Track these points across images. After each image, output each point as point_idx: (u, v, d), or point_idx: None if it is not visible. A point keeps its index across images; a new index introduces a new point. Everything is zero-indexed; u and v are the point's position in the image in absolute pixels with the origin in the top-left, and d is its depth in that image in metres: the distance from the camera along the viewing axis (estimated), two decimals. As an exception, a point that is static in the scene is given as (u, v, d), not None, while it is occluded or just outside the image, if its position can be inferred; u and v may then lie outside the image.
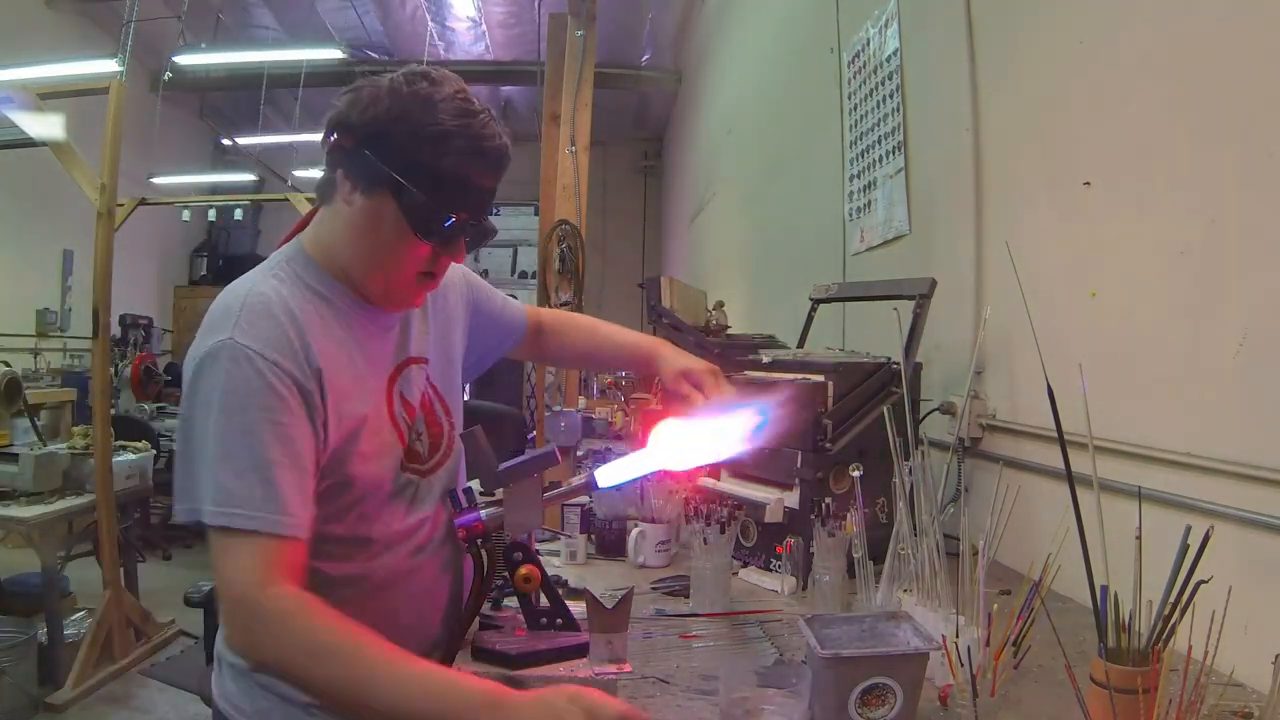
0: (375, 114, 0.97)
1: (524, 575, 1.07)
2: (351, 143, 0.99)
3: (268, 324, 0.94)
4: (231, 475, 0.88)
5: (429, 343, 1.17)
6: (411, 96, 0.97)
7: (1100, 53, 1.59)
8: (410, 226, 0.99)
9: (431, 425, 1.14)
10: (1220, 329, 1.25)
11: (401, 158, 0.97)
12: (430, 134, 0.97)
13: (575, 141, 3.44)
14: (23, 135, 3.51)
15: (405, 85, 0.98)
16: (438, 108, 0.97)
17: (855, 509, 1.39)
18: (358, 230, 1.02)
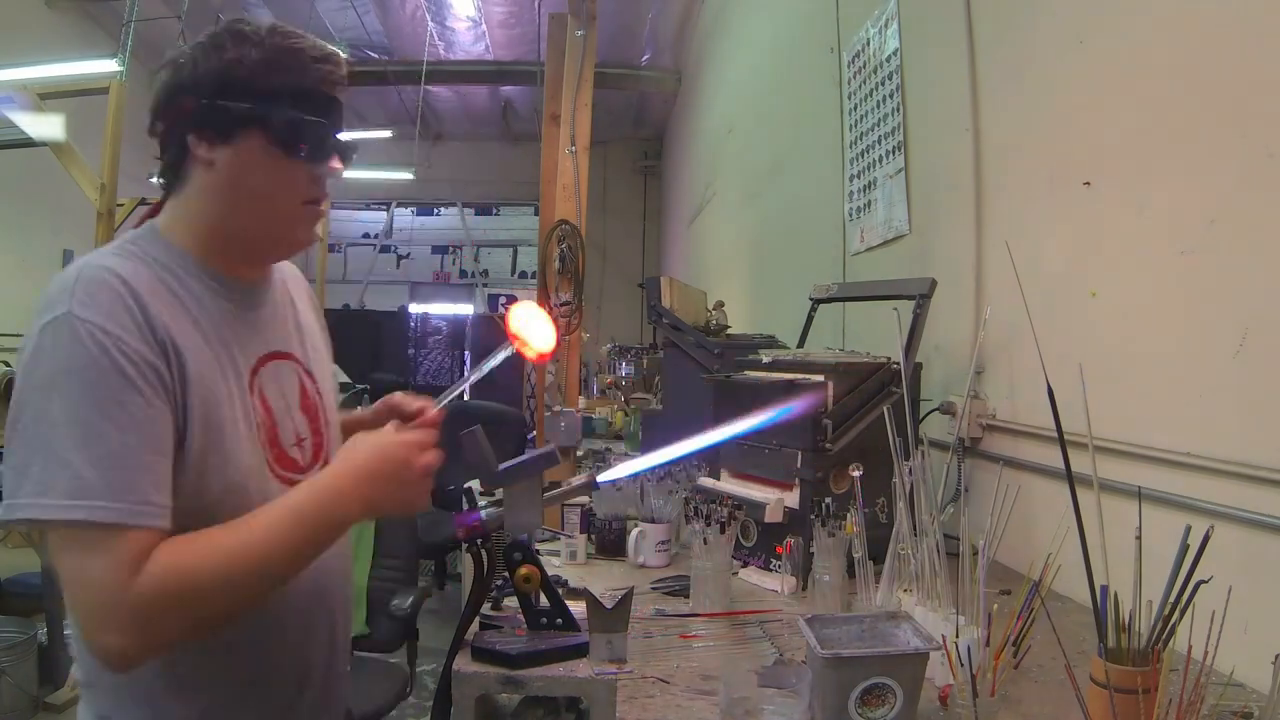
0: (209, 65, 0.95)
1: (524, 575, 1.07)
2: (194, 102, 0.95)
3: (107, 295, 0.85)
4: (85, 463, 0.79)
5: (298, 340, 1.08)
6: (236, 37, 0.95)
7: (1100, 53, 1.59)
8: (282, 150, 0.95)
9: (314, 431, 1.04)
10: (1220, 329, 1.25)
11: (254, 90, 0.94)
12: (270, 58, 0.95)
13: (575, 141, 3.44)
14: (23, 135, 3.51)
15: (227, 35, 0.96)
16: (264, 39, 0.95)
17: (855, 509, 1.39)
18: (228, 187, 0.96)
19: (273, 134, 0.94)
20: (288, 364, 1.04)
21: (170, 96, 0.97)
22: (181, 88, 0.96)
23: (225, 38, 0.95)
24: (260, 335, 1.02)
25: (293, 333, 1.08)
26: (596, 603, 1.14)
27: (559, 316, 3.31)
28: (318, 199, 1.00)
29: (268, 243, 1.01)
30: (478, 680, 1.01)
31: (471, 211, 11.73)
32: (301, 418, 1.03)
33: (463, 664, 1.04)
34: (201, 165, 0.96)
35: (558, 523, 2.03)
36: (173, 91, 0.97)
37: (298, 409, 1.03)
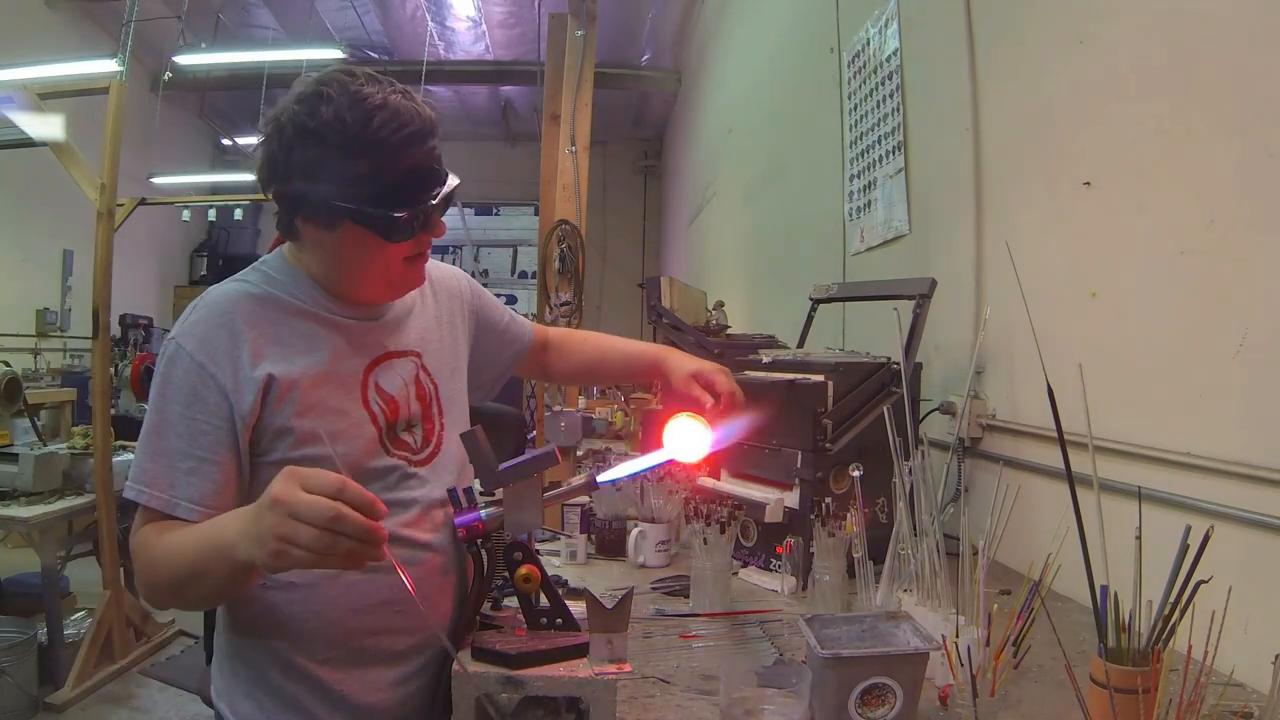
0: (299, 159, 1.00)
1: (524, 575, 1.07)
2: (292, 192, 1.04)
3: (206, 325, 1.04)
4: (149, 459, 1.00)
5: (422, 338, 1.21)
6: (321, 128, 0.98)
7: (1100, 53, 1.59)
8: (384, 238, 1.04)
9: (426, 419, 1.17)
10: (1220, 329, 1.25)
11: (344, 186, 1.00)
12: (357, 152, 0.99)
13: (575, 141, 3.44)
14: (23, 135, 3.51)
15: (309, 118, 0.99)
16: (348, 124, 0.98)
17: (855, 509, 1.39)
18: (338, 258, 1.08)
19: (369, 223, 1.03)
20: (403, 360, 1.16)
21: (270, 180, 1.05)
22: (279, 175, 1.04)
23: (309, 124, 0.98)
24: (377, 339, 1.14)
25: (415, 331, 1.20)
26: (596, 603, 1.14)
27: (559, 317, 3.31)
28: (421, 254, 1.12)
29: (376, 296, 1.15)
30: (478, 680, 1.01)
31: (471, 211, 11.73)
32: (416, 406, 1.15)
33: (463, 664, 1.04)
34: (312, 241, 1.08)
35: (558, 523, 2.03)
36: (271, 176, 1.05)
37: (414, 398, 1.15)
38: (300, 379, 1.04)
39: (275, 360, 1.04)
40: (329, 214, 1.04)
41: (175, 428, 1.01)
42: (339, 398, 1.07)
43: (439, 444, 1.18)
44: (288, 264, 1.12)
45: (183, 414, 1.01)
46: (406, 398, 1.14)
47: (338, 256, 1.08)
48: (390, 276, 1.11)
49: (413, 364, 1.17)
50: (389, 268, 1.09)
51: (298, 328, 1.08)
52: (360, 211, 1.02)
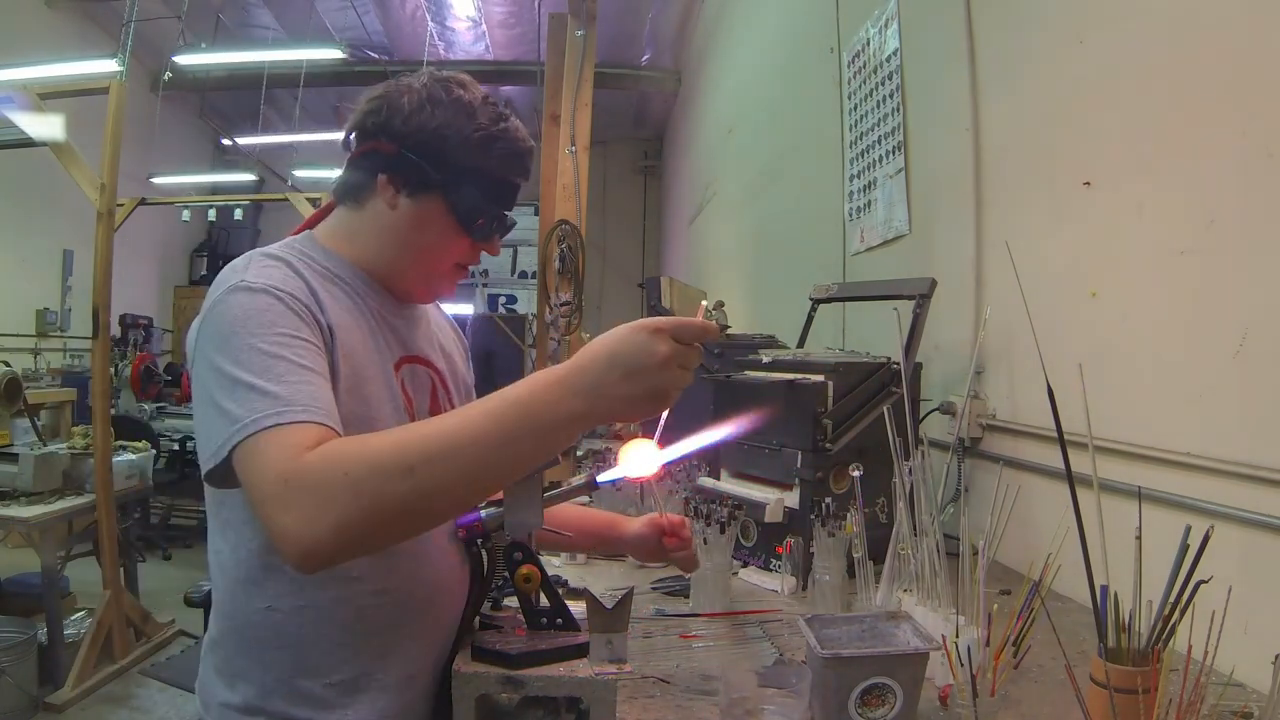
0: (421, 121, 1.01)
1: (524, 575, 1.07)
2: (395, 149, 1.02)
3: (275, 271, 0.94)
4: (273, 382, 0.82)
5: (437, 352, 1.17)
6: (454, 104, 1.02)
7: (1100, 53, 1.59)
8: (460, 225, 1.05)
9: None
10: (1220, 329, 1.25)
11: (452, 163, 1.02)
12: (478, 140, 1.02)
13: (575, 141, 3.44)
14: (23, 135, 3.51)
15: (444, 93, 1.02)
16: (477, 114, 1.03)
17: (855, 509, 1.39)
18: (400, 231, 1.05)
19: (457, 207, 1.03)
20: (424, 368, 1.12)
21: (375, 130, 1.03)
22: (388, 129, 1.02)
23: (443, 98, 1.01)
24: (403, 338, 1.10)
25: (429, 342, 1.16)
26: (596, 603, 1.14)
27: (559, 317, 3.30)
28: (467, 266, 1.11)
29: (413, 288, 1.10)
30: (478, 680, 1.01)
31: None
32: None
33: (463, 664, 1.04)
34: (384, 203, 1.04)
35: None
36: (379, 127, 1.02)
37: (427, 410, 1.10)
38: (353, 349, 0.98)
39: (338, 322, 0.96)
40: (424, 179, 1.02)
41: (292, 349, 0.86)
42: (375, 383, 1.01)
43: None
44: (322, 246, 1.06)
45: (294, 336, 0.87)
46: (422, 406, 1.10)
47: (400, 229, 1.04)
48: (435, 271, 1.08)
49: (430, 375, 1.13)
50: (439, 262, 1.07)
51: (344, 303, 1.01)
52: (455, 188, 1.02)
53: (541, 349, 3.74)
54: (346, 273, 1.05)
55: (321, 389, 0.85)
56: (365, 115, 1.04)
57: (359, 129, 1.04)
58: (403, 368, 1.08)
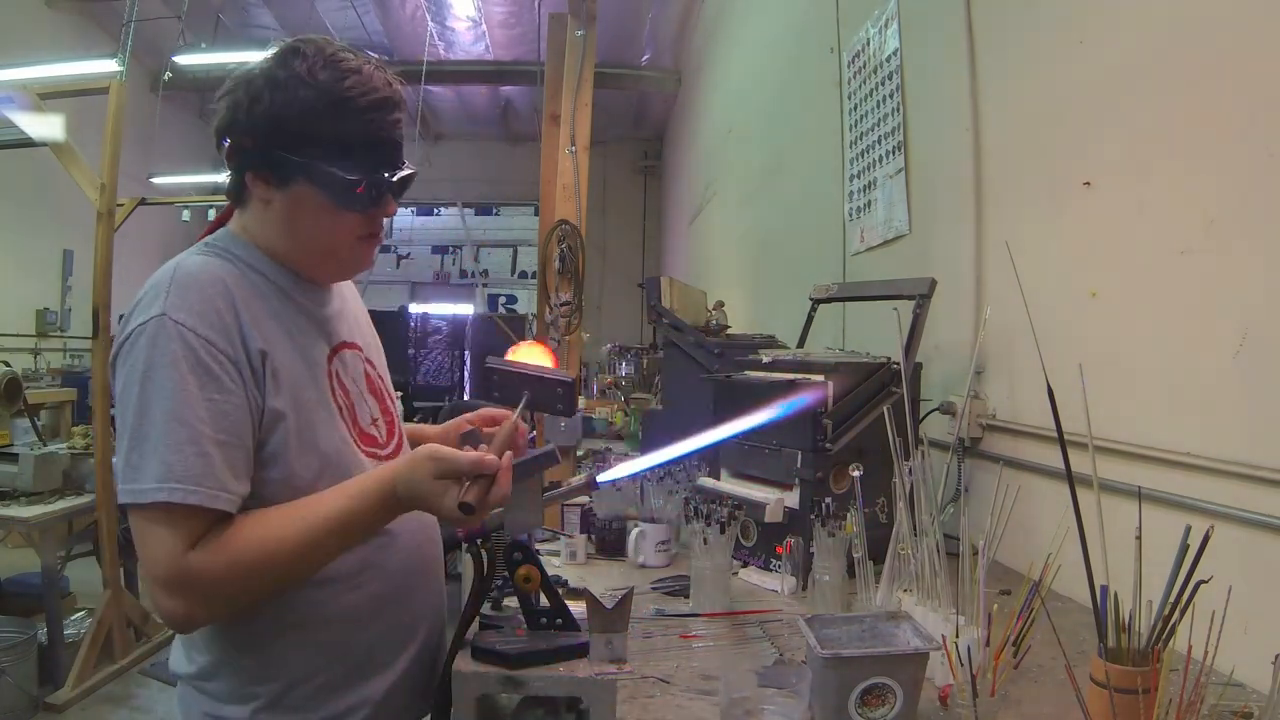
0: (263, 109, 0.96)
1: (524, 575, 1.07)
2: (251, 143, 0.98)
3: (197, 296, 0.93)
4: (170, 450, 0.87)
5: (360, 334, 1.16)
6: (292, 80, 0.96)
7: (1100, 53, 1.59)
8: (335, 203, 0.99)
9: (385, 414, 1.13)
10: (1220, 329, 1.25)
11: (304, 142, 0.96)
12: (323, 107, 0.96)
13: (575, 141, 3.44)
14: (23, 135, 3.51)
15: (280, 69, 0.97)
16: (319, 80, 0.96)
17: (855, 509, 1.39)
18: (286, 222, 1.01)
19: (324, 186, 0.98)
20: (353, 353, 1.12)
21: (227, 131, 1.00)
22: (238, 126, 0.99)
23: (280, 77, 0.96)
24: (331, 328, 1.09)
25: (353, 325, 1.15)
26: (596, 603, 1.14)
27: (559, 317, 3.31)
28: (373, 234, 1.05)
29: (323, 271, 1.08)
30: (478, 680, 1.01)
31: (471, 211, 11.72)
32: (372, 400, 1.12)
33: (463, 664, 1.04)
34: (258, 199, 1.01)
35: (558, 523, 2.03)
36: (230, 126, 1.00)
37: (367, 392, 1.11)
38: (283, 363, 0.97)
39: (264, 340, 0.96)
40: (283, 169, 0.97)
41: (195, 409, 0.88)
42: (313, 387, 1.01)
43: (400, 438, 1.15)
44: (240, 240, 1.03)
45: (200, 396, 0.89)
46: (360, 392, 1.10)
47: (287, 220, 1.01)
48: (339, 252, 1.04)
49: (359, 357, 1.12)
50: (338, 241, 1.03)
51: (273, 305, 1.00)
52: (315, 168, 0.96)
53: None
54: (269, 270, 1.03)
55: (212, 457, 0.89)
56: (218, 119, 1.02)
57: (218, 131, 1.01)
58: (335, 359, 1.07)
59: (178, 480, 0.86)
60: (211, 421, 0.89)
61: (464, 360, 9.24)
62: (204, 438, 0.88)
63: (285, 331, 1.00)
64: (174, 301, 0.92)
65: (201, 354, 0.90)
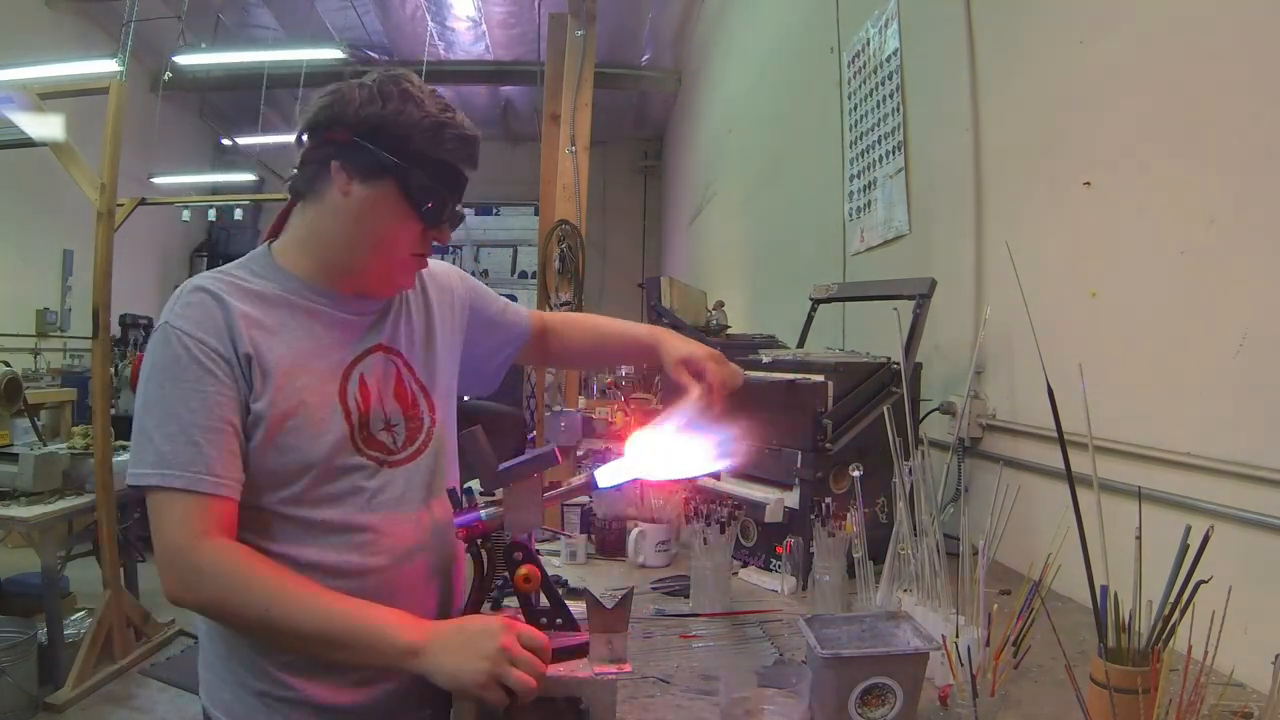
0: (373, 110, 1.05)
1: (524, 575, 1.07)
2: (348, 137, 1.06)
3: (198, 310, 1.03)
4: (164, 440, 0.98)
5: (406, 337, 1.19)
6: (403, 95, 1.06)
7: (1100, 53, 1.59)
8: (412, 209, 1.08)
9: (410, 419, 1.15)
10: (1220, 329, 1.25)
11: (403, 147, 1.06)
12: (426, 126, 1.06)
13: (575, 141, 3.44)
14: (23, 135, 3.51)
15: (393, 86, 1.07)
16: (425, 103, 1.07)
17: (855, 509, 1.39)
18: (354, 218, 1.08)
19: (408, 191, 1.07)
20: (386, 356, 1.15)
21: (329, 122, 1.07)
22: (342, 119, 1.06)
23: (393, 91, 1.06)
24: (362, 334, 1.14)
25: (404, 330, 1.19)
26: (596, 603, 1.14)
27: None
28: (424, 254, 1.15)
29: (370, 279, 1.13)
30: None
31: (471, 211, 11.71)
32: (394, 405, 1.14)
33: (463, 664, 1.03)
34: (338, 191, 1.07)
35: (558, 523, 2.03)
36: (333, 118, 1.07)
37: (391, 397, 1.14)
38: (277, 365, 1.04)
39: (257, 343, 1.03)
40: (377, 163, 1.05)
41: (187, 402, 0.99)
42: (313, 390, 1.06)
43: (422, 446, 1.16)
44: (274, 263, 1.12)
45: (194, 388, 0.99)
46: (383, 396, 1.13)
47: (355, 216, 1.07)
48: (391, 262, 1.11)
49: (394, 363, 1.16)
50: (394, 249, 1.10)
51: (281, 316, 1.08)
52: (407, 171, 1.06)
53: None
54: (293, 287, 1.10)
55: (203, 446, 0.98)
56: (319, 110, 1.08)
57: (313, 124, 1.08)
58: (361, 363, 1.12)
59: (168, 466, 0.97)
60: (204, 411, 0.99)
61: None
62: (194, 427, 0.98)
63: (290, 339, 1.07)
64: (177, 312, 1.03)
65: (195, 352, 1.00)
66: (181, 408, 0.98)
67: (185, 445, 0.97)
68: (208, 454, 0.98)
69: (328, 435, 1.06)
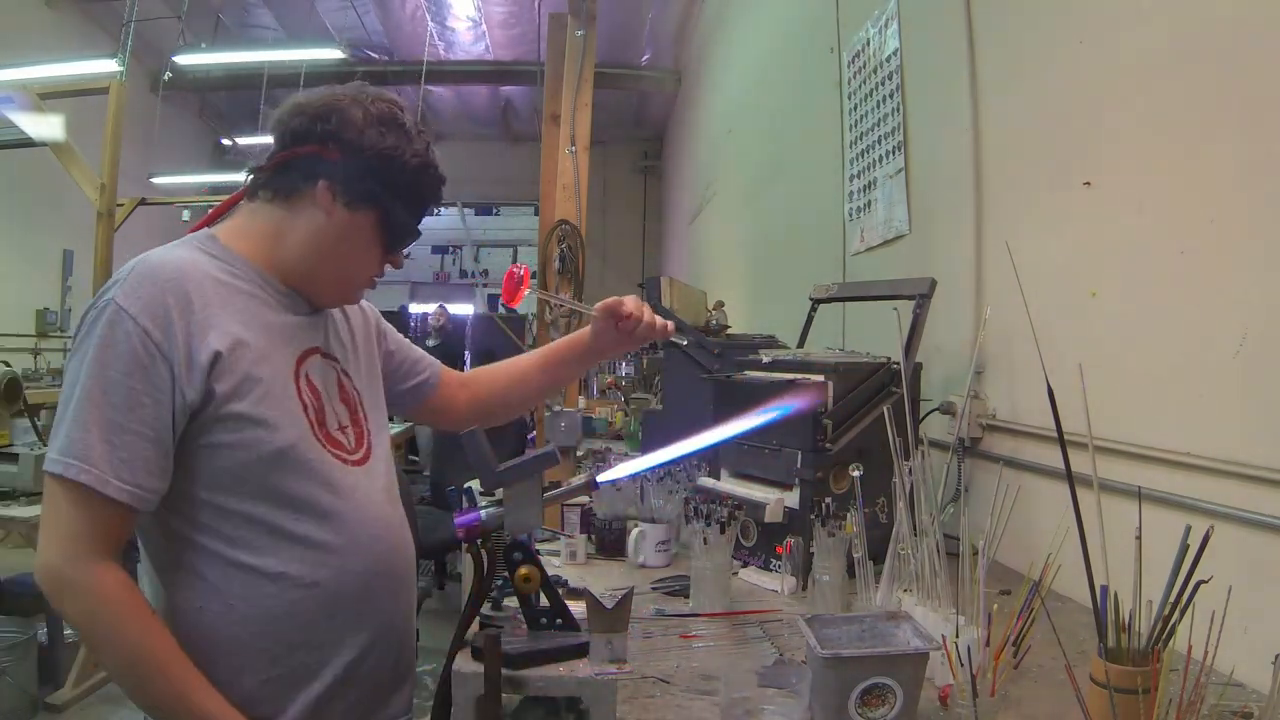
0: (373, 138, 1.06)
1: (524, 575, 1.07)
2: (339, 157, 1.06)
3: (150, 289, 0.96)
4: (79, 428, 0.92)
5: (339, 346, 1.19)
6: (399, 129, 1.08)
7: (1100, 53, 1.59)
8: (383, 240, 1.11)
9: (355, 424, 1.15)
10: (1220, 329, 1.25)
11: (392, 182, 1.08)
12: (415, 165, 1.09)
13: (575, 141, 3.44)
14: (23, 135, 3.51)
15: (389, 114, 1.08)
16: (414, 141, 1.09)
17: (855, 509, 1.39)
18: (328, 238, 1.08)
19: (388, 224, 1.10)
20: (327, 362, 1.15)
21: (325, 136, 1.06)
22: (340, 139, 1.06)
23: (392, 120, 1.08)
24: (305, 333, 1.12)
25: (335, 339, 1.18)
26: (596, 603, 1.14)
27: (559, 317, 3.31)
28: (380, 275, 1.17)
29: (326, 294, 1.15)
30: (478, 680, 1.01)
31: (471, 211, 11.72)
32: (341, 407, 1.14)
33: (463, 664, 1.04)
34: (319, 209, 1.07)
35: (558, 523, 2.03)
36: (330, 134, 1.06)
37: (337, 399, 1.13)
38: (243, 356, 1.00)
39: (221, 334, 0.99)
40: (367, 193, 1.06)
41: (110, 396, 0.92)
42: (274, 381, 1.03)
43: (369, 449, 1.15)
44: (223, 246, 1.08)
45: (122, 382, 0.93)
46: (330, 397, 1.12)
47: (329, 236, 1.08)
48: (351, 280, 1.14)
49: (334, 368, 1.15)
50: (358, 272, 1.13)
51: (239, 303, 1.04)
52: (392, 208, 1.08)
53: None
54: (246, 274, 1.07)
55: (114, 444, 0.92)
56: (313, 119, 1.06)
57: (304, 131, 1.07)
58: (305, 362, 1.11)
59: (75, 457, 0.91)
60: (126, 410, 0.93)
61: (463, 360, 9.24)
62: (112, 424, 0.92)
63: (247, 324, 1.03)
64: (127, 289, 0.95)
65: (135, 342, 0.93)
66: (104, 399, 0.92)
67: (100, 441, 0.91)
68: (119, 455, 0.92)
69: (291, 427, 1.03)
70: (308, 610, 1.02)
